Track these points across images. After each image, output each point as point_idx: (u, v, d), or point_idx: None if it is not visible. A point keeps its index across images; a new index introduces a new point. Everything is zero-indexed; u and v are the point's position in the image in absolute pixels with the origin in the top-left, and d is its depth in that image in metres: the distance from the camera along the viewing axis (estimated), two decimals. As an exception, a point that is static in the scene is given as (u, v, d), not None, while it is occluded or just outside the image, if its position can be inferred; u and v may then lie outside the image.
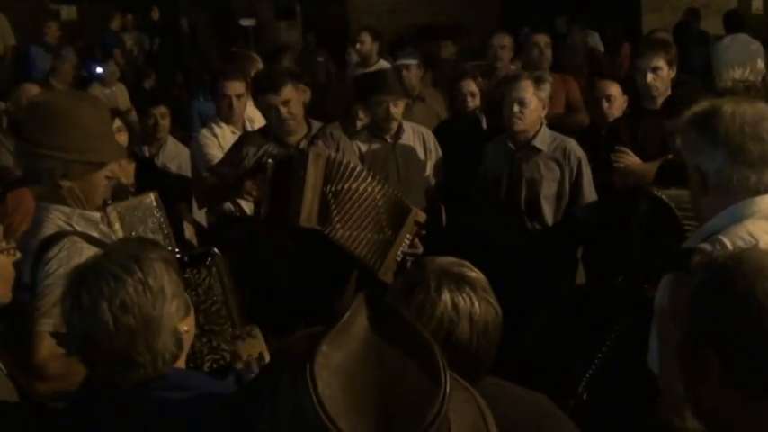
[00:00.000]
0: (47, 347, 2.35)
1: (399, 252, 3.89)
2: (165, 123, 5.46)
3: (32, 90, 5.31)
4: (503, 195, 4.51)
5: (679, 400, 2.01)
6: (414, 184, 4.76)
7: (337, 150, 4.09)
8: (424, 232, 4.01)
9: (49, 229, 2.51)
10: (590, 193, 4.46)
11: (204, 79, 7.54)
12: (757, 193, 2.13)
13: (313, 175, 3.78)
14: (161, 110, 5.45)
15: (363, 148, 4.70)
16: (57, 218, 2.54)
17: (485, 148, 4.71)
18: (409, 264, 3.85)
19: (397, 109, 4.67)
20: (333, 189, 3.80)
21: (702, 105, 2.29)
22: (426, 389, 1.10)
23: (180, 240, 4.24)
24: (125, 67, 9.55)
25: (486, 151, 4.68)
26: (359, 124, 5.39)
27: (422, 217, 3.97)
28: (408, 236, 3.93)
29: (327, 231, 3.76)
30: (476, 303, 1.69)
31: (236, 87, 4.90)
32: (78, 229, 2.54)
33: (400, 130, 4.77)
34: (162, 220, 3.22)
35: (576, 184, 4.44)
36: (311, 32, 11.78)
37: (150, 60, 10.67)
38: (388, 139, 4.74)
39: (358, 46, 7.53)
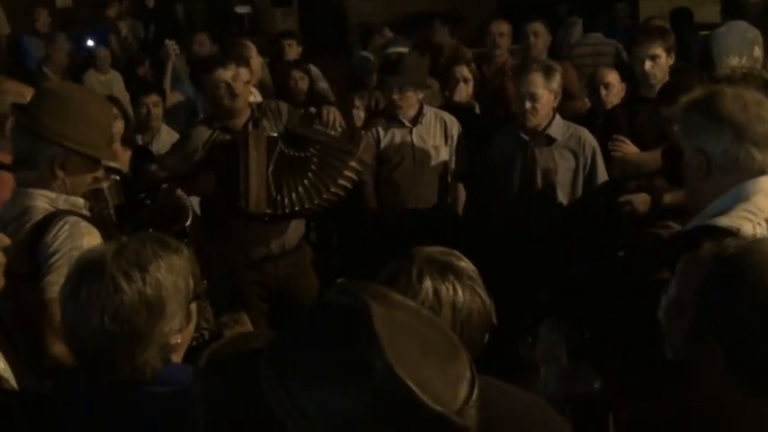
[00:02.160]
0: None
1: (333, 133, 4.01)
2: (158, 112, 5.44)
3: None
4: (516, 185, 4.48)
5: None
6: (429, 170, 4.78)
7: (282, 122, 4.11)
8: (311, 109, 4.19)
9: (37, 214, 2.53)
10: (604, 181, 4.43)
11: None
12: (761, 172, 2.15)
13: (255, 159, 3.81)
14: (153, 98, 5.42)
15: (381, 131, 4.71)
16: (43, 202, 2.56)
17: (493, 137, 4.68)
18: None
19: (401, 96, 4.65)
20: (275, 169, 3.87)
21: (700, 91, 2.32)
22: (452, 346, 1.11)
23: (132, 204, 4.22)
24: (120, 54, 9.48)
25: (495, 140, 4.64)
26: (354, 112, 5.39)
27: (293, 114, 4.13)
28: (315, 126, 4.01)
29: (278, 212, 3.80)
30: (459, 291, 1.67)
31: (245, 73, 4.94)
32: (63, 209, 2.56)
33: (420, 115, 4.76)
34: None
35: (591, 174, 4.42)
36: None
37: (145, 48, 10.60)
38: (407, 124, 4.74)
39: (196, 47, 7.45)
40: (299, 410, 1.01)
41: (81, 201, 2.67)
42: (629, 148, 4.34)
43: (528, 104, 4.32)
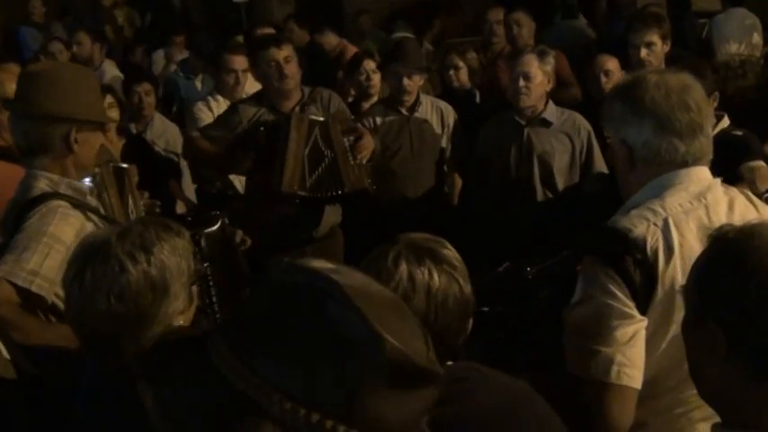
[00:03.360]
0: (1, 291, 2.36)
1: (350, 159, 3.95)
2: (150, 100, 5.42)
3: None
4: (513, 170, 4.49)
5: (584, 351, 1.96)
6: (427, 158, 4.77)
7: (328, 111, 4.12)
8: (358, 124, 4.14)
9: (33, 195, 2.55)
10: (601, 165, 4.45)
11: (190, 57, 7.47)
12: (684, 164, 2.05)
13: (295, 140, 3.82)
14: (145, 87, 5.41)
15: (378, 120, 4.70)
16: (43, 184, 2.57)
17: (483, 125, 4.67)
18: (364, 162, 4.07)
19: (411, 82, 4.67)
20: (311, 152, 3.87)
21: (625, 78, 2.25)
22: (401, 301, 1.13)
23: (172, 217, 4.22)
24: (115, 44, 9.46)
25: (485, 130, 4.64)
26: (350, 100, 5.38)
27: (342, 114, 4.07)
28: (343, 141, 3.98)
29: (309, 195, 3.79)
30: (435, 277, 1.66)
31: (242, 62, 4.91)
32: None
33: (416, 103, 4.75)
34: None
35: (588, 157, 4.44)
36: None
37: (142, 37, 10.56)
38: (404, 112, 4.74)
39: (75, 48, 7.19)
40: (284, 394, 0.98)
41: (86, 186, 2.69)
42: None
43: (522, 83, 4.34)
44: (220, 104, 4.93)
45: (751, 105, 4.22)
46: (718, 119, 3.54)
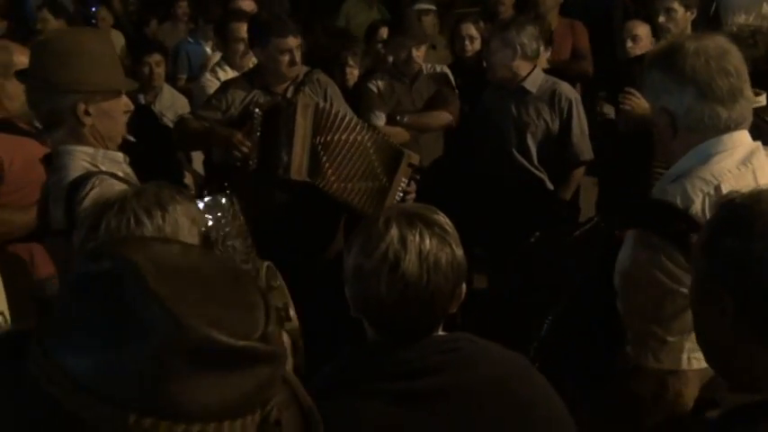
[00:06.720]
0: None
1: (397, 197, 3.90)
2: (160, 71, 5.41)
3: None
4: (495, 136, 4.58)
5: (651, 340, 2.05)
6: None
7: (325, 97, 4.09)
8: (418, 177, 4.03)
9: (75, 171, 2.49)
10: (579, 135, 4.47)
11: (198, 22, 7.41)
12: (727, 129, 2.08)
13: (302, 126, 3.76)
14: (155, 57, 5.39)
15: (380, 87, 4.77)
16: (82, 159, 2.52)
17: (483, 93, 4.74)
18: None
19: (419, 53, 4.76)
20: (322, 140, 3.80)
21: (662, 45, 2.25)
22: (235, 274, 1.05)
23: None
24: (121, 14, 9.40)
25: (484, 96, 4.74)
26: (348, 71, 5.35)
27: (415, 159, 3.99)
28: (404, 179, 3.95)
29: (318, 183, 3.75)
30: (427, 239, 1.67)
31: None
32: (103, 168, 2.53)
33: (419, 71, 4.83)
34: None
35: (566, 126, 4.45)
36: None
37: (150, 6, 10.49)
38: (406, 81, 4.79)
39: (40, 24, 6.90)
40: (85, 389, 0.92)
41: (120, 155, 2.64)
42: (637, 101, 4.25)
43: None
44: (228, 75, 4.88)
45: (762, 76, 4.19)
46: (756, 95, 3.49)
